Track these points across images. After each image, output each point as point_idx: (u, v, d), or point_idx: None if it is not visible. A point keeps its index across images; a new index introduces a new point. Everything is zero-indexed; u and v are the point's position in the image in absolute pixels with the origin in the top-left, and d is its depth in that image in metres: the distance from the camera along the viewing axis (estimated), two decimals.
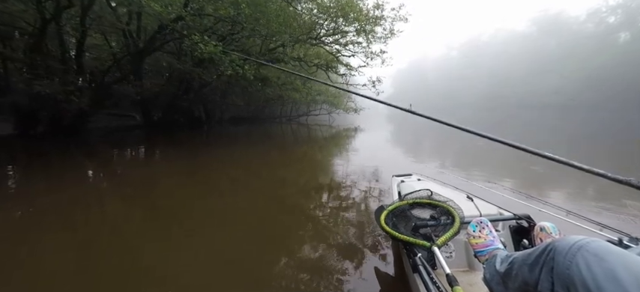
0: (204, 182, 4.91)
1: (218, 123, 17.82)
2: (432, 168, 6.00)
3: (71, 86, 8.21)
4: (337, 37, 11.11)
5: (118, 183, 4.81)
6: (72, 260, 2.26)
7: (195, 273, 2.04)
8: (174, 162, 6.79)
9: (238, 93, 17.92)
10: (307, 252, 2.41)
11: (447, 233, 1.44)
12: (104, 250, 2.43)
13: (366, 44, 11.02)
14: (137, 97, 11.18)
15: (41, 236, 2.64)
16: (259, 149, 9.37)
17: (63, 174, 5.14)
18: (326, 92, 21.11)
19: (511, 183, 4.73)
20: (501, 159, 7.12)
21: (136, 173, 5.67)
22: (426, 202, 1.89)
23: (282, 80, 15.99)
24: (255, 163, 6.93)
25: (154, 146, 9.39)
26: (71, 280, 2.01)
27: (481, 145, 8.66)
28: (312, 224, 3.07)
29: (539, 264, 0.75)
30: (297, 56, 11.41)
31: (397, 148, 10.65)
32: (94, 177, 5.42)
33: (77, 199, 3.76)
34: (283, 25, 8.56)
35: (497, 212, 1.91)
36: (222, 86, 16.21)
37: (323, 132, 15.47)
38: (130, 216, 3.36)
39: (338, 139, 12.48)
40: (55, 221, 3.06)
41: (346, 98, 22.99)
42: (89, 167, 6.13)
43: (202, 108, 17.33)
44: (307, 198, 4.03)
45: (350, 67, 12.61)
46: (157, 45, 9.32)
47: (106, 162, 6.64)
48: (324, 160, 7.68)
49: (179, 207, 3.56)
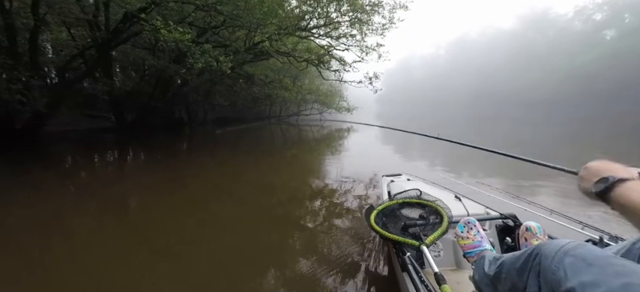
0: (183, 197, 4.17)
1: (201, 125, 16.58)
2: (424, 166, 6.08)
3: (17, 84, 6.93)
4: (328, 30, 10.18)
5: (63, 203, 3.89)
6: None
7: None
8: (145, 175, 5.73)
9: (223, 92, 16.77)
10: (297, 254, 2.41)
11: (436, 232, 1.44)
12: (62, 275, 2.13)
13: (360, 37, 10.12)
14: (104, 96, 9.90)
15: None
16: (246, 153, 8.36)
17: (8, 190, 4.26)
18: (317, 91, 20.14)
19: (499, 180, 4.78)
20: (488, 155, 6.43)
21: (85, 189, 4.68)
22: (415, 202, 1.90)
23: (270, 78, 14.94)
24: (243, 168, 6.15)
25: (122, 153, 8.22)
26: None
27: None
28: (301, 228, 3.03)
29: (527, 269, 0.76)
30: (285, 51, 10.37)
31: (387, 145, 9.78)
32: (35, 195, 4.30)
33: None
34: (268, 14, 7.58)
35: (484, 211, 1.94)
36: (205, 85, 15.04)
37: (314, 132, 14.50)
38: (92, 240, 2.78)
39: (330, 140, 11.53)
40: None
41: (338, 97, 22.11)
42: (39, 181, 4.97)
43: (184, 109, 16.09)
44: (297, 203, 3.91)
45: (343, 62, 11.58)
46: (124, 37, 8.12)
47: (48, 179, 5.41)
48: (315, 163, 7.14)
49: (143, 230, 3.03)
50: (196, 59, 5.67)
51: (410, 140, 9.30)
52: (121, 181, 5.22)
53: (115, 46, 8.61)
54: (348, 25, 9.47)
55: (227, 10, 7.13)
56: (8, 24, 7.46)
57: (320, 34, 10.32)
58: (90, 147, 8.82)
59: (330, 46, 11.09)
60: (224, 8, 6.95)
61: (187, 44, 5.24)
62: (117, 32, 7.77)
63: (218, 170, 6.10)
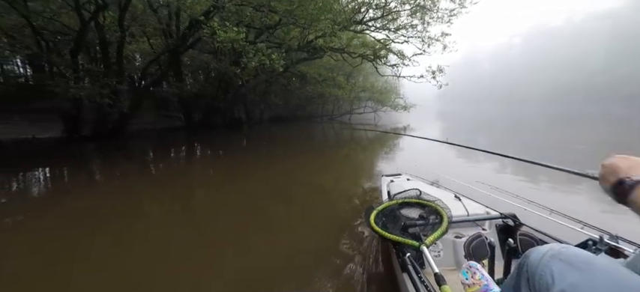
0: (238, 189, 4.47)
1: (258, 124, 17.31)
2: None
3: (107, 89, 7.94)
4: (386, 22, 9.46)
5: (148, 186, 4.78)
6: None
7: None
8: (208, 167, 6.30)
9: (278, 92, 17.22)
10: (297, 254, 2.38)
11: (436, 232, 1.42)
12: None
13: (422, 27, 9.14)
14: (175, 98, 10.89)
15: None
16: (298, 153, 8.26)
17: (95, 177, 5.23)
18: (371, 88, 19.34)
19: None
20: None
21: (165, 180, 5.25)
22: (414, 202, 1.88)
23: (323, 76, 14.76)
24: (294, 166, 6.14)
25: (189, 148, 8.89)
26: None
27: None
28: (307, 226, 3.00)
29: (520, 280, 0.75)
30: (339, 47, 9.98)
31: (450, 151, 8.58)
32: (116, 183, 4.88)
33: (97, 208, 3.61)
34: (322, 10, 7.29)
35: (484, 211, 1.91)
36: (261, 85, 15.63)
37: (367, 132, 13.85)
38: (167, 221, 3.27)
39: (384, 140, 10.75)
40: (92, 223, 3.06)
41: (394, 94, 20.93)
42: (122, 172, 5.74)
43: (242, 109, 16.98)
44: (321, 204, 3.84)
45: (402, 56, 10.66)
46: (190, 42, 8.74)
47: (137, 168, 6.27)
48: (366, 165, 6.64)
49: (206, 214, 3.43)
50: (250, 58, 5.70)
51: (475, 139, 8.02)
52: (186, 173, 5.77)
53: (183, 51, 9.34)
54: (408, 15, 8.61)
55: (282, 8, 7.06)
56: (102, 37, 8.64)
57: (376, 27, 9.64)
58: (163, 142, 9.83)
59: (388, 40, 10.30)
60: (279, 6, 6.89)
61: (242, 43, 5.29)
62: (184, 38, 8.39)
63: (270, 168, 6.07)
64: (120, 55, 9.35)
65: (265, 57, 5.83)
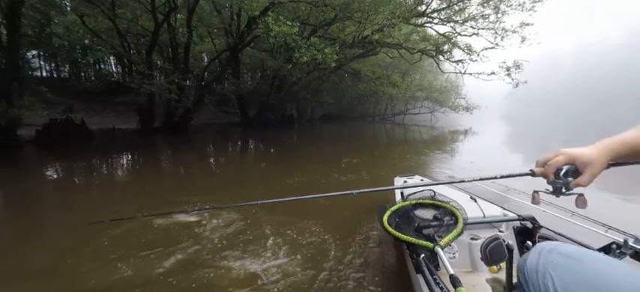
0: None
1: (308, 122, 17.40)
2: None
3: (173, 85, 8.64)
4: (451, 13, 8.48)
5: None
6: None
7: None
8: (260, 161, 6.62)
9: (330, 90, 17.07)
10: (311, 255, 2.28)
11: (451, 234, 1.40)
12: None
13: (495, 17, 7.94)
14: (232, 95, 11.47)
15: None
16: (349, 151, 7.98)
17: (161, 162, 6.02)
18: (429, 87, 17.93)
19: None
20: None
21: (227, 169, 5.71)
22: (428, 203, 1.85)
23: (378, 74, 14.10)
24: (341, 166, 5.75)
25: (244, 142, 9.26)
26: None
27: None
28: (322, 228, 2.78)
29: (526, 286, 0.74)
30: (397, 42, 9.26)
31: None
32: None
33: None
34: (380, 2, 6.79)
35: (501, 213, 1.89)
36: (314, 83, 15.65)
37: (422, 134, 12.78)
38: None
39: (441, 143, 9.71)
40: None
41: (454, 93, 19.11)
42: (181, 160, 6.34)
43: (294, 106, 17.24)
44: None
45: (470, 51, 9.44)
46: (247, 40, 9.03)
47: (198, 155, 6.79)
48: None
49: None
50: (302, 53, 5.56)
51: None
52: (241, 165, 6.11)
53: (241, 49, 9.72)
54: (479, 3, 7.54)
55: (338, 3, 6.78)
56: (172, 37, 9.47)
57: (440, 19, 8.71)
58: (221, 135, 10.46)
59: (453, 33, 9.21)
60: (335, 1, 6.62)
61: (294, 38, 5.16)
62: (242, 36, 8.70)
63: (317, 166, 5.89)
64: (187, 54, 10.15)
65: (318, 52, 5.63)
